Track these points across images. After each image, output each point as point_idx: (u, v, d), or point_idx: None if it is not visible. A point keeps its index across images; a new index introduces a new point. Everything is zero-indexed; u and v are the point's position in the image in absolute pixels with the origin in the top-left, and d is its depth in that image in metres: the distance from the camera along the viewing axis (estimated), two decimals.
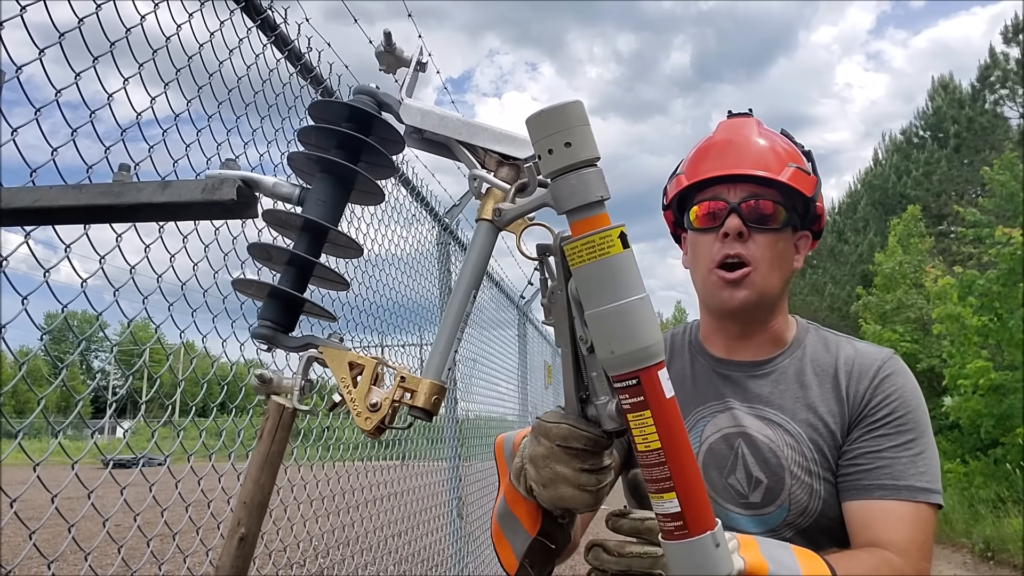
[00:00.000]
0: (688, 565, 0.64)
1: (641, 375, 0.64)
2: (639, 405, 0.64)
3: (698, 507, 0.64)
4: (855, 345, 1.22)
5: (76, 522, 1.36)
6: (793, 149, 1.23)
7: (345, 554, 2.66)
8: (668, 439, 0.64)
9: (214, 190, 0.73)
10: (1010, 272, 7.66)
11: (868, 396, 1.15)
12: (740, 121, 1.27)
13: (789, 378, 1.20)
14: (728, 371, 1.24)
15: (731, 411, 1.20)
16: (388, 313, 3.04)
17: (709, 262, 1.17)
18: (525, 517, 0.84)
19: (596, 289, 0.64)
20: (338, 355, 0.72)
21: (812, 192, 1.19)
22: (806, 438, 1.15)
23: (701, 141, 1.29)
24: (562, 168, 0.64)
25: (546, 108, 0.64)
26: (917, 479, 1.09)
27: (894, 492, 1.08)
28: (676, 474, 0.63)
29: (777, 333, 1.24)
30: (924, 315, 11.83)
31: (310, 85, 2.24)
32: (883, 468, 1.10)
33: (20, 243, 1.27)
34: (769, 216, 1.16)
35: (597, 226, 0.63)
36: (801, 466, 1.14)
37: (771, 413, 1.18)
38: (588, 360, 0.70)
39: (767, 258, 1.16)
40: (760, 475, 1.15)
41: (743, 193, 1.16)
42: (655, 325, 0.64)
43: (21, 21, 1.22)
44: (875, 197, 20.98)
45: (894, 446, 1.11)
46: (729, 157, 1.19)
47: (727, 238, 1.15)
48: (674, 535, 0.65)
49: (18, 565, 1.37)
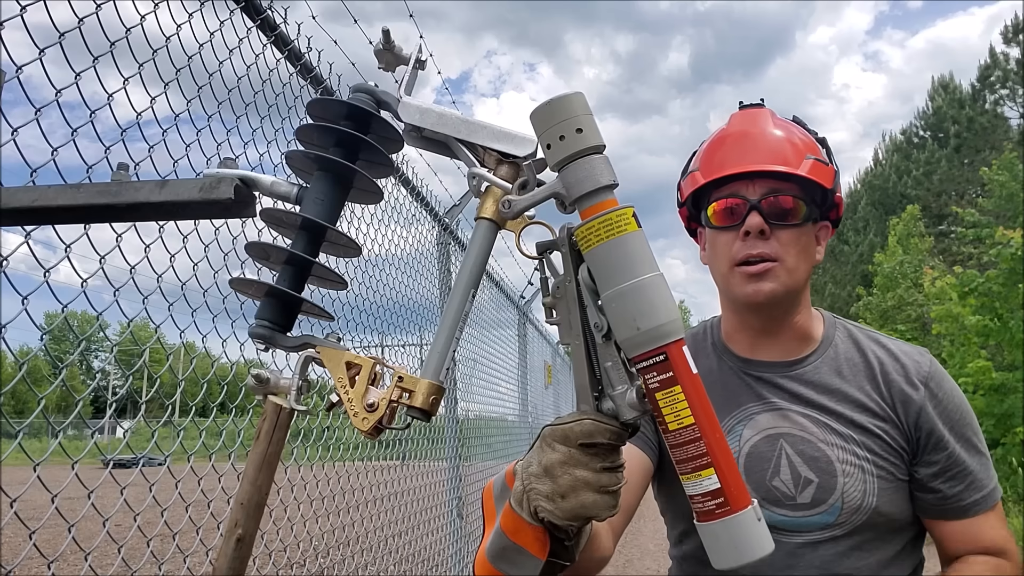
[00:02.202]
0: (733, 544, 0.62)
1: (668, 350, 0.63)
2: (668, 381, 0.63)
3: (737, 482, 0.63)
4: (883, 341, 1.22)
5: (76, 522, 1.36)
6: (809, 139, 1.19)
7: (345, 554, 2.65)
8: (702, 413, 0.63)
9: (212, 189, 0.73)
10: (1010, 272, 7.65)
11: (926, 402, 1.14)
12: (753, 112, 1.23)
13: (826, 376, 1.17)
14: (760, 372, 1.20)
15: (770, 412, 1.17)
16: (388, 313, 3.04)
17: (731, 260, 1.14)
18: (533, 544, 0.77)
19: (616, 267, 0.64)
20: (335, 355, 0.72)
21: (832, 183, 1.16)
22: (854, 435, 1.13)
23: (714, 133, 1.25)
24: (573, 154, 0.65)
25: (553, 98, 0.66)
26: (991, 480, 1.14)
27: (984, 504, 1.13)
28: (712, 448, 0.62)
29: (803, 329, 1.20)
30: (924, 313, 11.82)
31: (310, 85, 2.24)
32: (972, 484, 1.13)
33: (20, 243, 1.27)
34: (790, 211, 1.13)
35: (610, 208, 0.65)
36: (852, 464, 1.11)
37: (813, 411, 1.16)
38: (601, 350, 0.69)
39: (791, 253, 1.13)
40: (809, 475, 1.12)
41: (762, 189, 1.13)
42: (674, 302, 0.65)
43: (21, 21, 1.22)
44: (875, 197, 20.97)
45: (970, 455, 1.14)
46: (745, 151, 1.16)
47: (748, 236, 1.12)
48: (715, 513, 0.63)
49: (18, 565, 1.37)
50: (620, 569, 6.41)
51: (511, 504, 0.77)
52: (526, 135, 0.73)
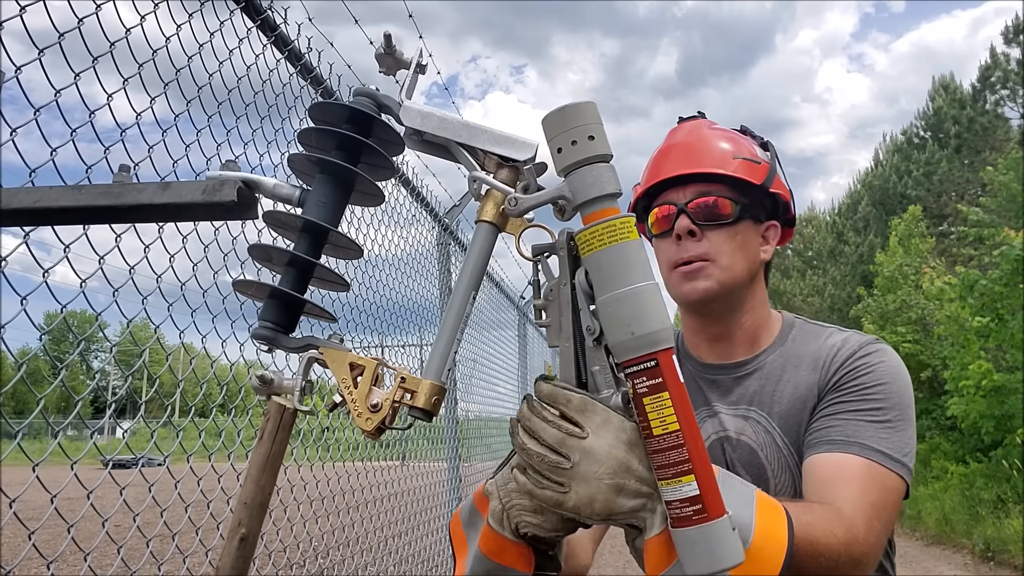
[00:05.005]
0: (708, 551, 0.63)
1: (659, 356, 0.65)
2: (657, 387, 0.64)
3: (714, 490, 0.64)
4: (844, 333, 1.19)
5: (76, 522, 1.36)
6: (744, 140, 1.22)
7: (345, 554, 2.66)
8: (685, 420, 0.64)
9: (214, 191, 0.73)
10: (1012, 273, 7.65)
11: (843, 370, 1.11)
12: (689, 124, 1.27)
13: (774, 372, 1.18)
14: (714, 375, 1.22)
15: (716, 416, 1.19)
16: (388, 314, 3.04)
17: (669, 264, 1.18)
18: (518, 561, 0.76)
19: (615, 272, 0.66)
20: (339, 356, 0.72)
21: (763, 179, 1.17)
22: (787, 427, 1.13)
23: (655, 150, 1.29)
24: (583, 160, 0.67)
25: (568, 104, 0.69)
26: (876, 442, 1.02)
27: (844, 446, 1.03)
28: (694, 455, 0.64)
29: (755, 330, 1.21)
30: (926, 315, 11.82)
31: (310, 86, 2.24)
32: (837, 427, 1.05)
33: (19, 243, 1.27)
34: (718, 211, 1.15)
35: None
36: (779, 461, 1.13)
37: (753, 412, 1.17)
38: (590, 354, 0.70)
39: (725, 251, 1.15)
40: (745, 475, 1.14)
41: (691, 193, 1.16)
42: (667, 311, 0.67)
43: (20, 21, 1.22)
44: (875, 197, 20.97)
45: (856, 410, 1.06)
46: (678, 159, 1.19)
47: (680, 240, 1.16)
48: (692, 520, 0.63)
49: (18, 565, 1.37)
50: (620, 569, 6.42)
51: (490, 525, 0.76)
52: (526, 139, 0.73)
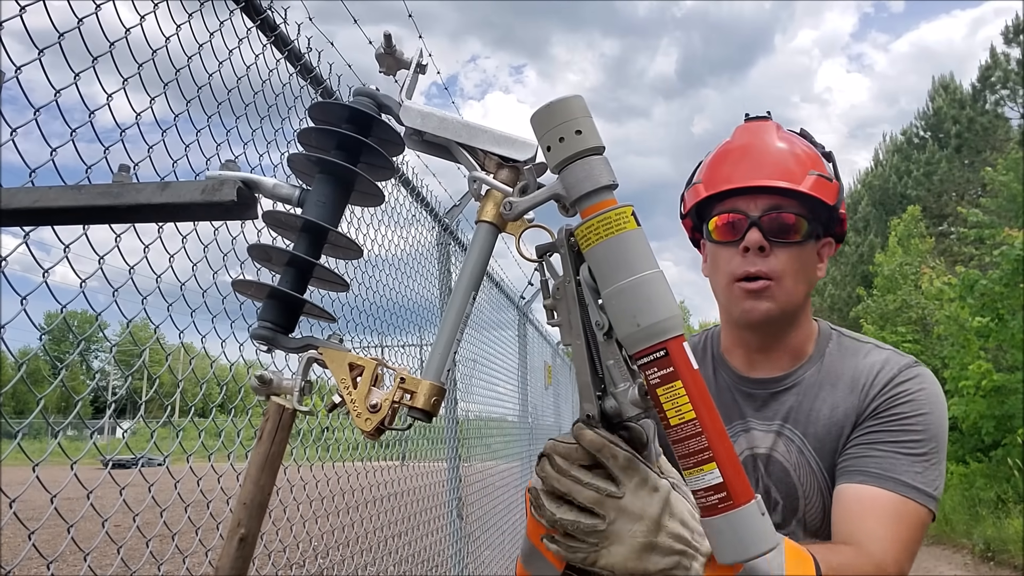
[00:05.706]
0: (736, 539, 0.62)
1: (668, 345, 0.63)
2: (669, 377, 0.63)
3: (739, 475, 0.63)
4: (883, 352, 1.17)
5: (75, 522, 1.36)
6: (814, 152, 1.18)
7: (345, 554, 2.65)
8: (702, 407, 0.63)
9: (214, 191, 0.73)
10: (1012, 272, 7.66)
11: (881, 396, 1.10)
12: (757, 125, 1.22)
13: (811, 390, 1.16)
14: (751, 389, 1.20)
15: (749, 432, 1.18)
16: (388, 314, 3.04)
17: (730, 276, 1.14)
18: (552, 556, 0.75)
19: (616, 264, 0.65)
20: (338, 356, 0.72)
21: (835, 200, 1.14)
22: (821, 451, 1.12)
23: (718, 146, 1.24)
24: (574, 155, 0.66)
25: (553, 101, 0.67)
26: (911, 477, 1.02)
27: (879, 480, 1.02)
28: (714, 442, 0.62)
29: (798, 345, 1.19)
30: (925, 315, 11.82)
31: (310, 86, 2.24)
32: (874, 458, 1.04)
33: (19, 243, 1.26)
34: (791, 228, 1.12)
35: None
36: (812, 484, 1.12)
37: (787, 429, 1.15)
38: (603, 349, 0.70)
39: (790, 272, 1.12)
40: (777, 495, 1.13)
41: (764, 205, 1.12)
42: (674, 298, 0.65)
43: (20, 21, 1.22)
44: (875, 197, 20.97)
45: (893, 442, 1.05)
46: (748, 165, 1.15)
47: (748, 252, 1.11)
48: (719, 508, 0.62)
49: (18, 565, 1.37)
50: None
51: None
52: (526, 139, 0.73)
